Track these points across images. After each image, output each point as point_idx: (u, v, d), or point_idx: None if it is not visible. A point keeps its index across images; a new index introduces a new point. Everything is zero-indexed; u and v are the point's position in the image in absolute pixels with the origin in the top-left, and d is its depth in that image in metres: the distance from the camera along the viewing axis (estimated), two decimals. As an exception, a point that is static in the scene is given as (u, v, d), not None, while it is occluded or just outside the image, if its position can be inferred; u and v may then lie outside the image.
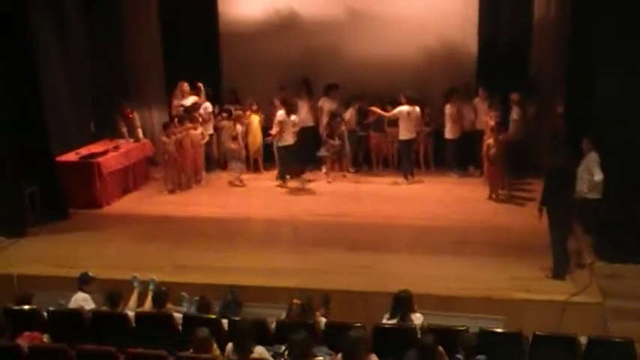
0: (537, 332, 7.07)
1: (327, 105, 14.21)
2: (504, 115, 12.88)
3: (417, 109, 13.42)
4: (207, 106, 14.32)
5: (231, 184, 13.83)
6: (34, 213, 11.63)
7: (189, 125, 13.55)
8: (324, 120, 14.14)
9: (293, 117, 13.45)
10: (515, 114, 13.06)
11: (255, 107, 14.33)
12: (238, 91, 14.79)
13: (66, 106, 12.95)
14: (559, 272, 9.12)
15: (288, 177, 13.69)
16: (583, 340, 6.99)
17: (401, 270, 9.47)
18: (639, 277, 9.21)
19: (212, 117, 14.35)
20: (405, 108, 13.33)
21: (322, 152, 13.98)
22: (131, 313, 7.66)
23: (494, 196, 12.53)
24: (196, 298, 8.19)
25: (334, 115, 13.84)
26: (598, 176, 9.40)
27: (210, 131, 14.32)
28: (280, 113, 13.33)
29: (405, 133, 13.44)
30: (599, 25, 9.47)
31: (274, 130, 13.32)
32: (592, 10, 9.73)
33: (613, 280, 9.13)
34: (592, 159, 9.52)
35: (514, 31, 13.88)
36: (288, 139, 13.43)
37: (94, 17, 13.88)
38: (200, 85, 14.42)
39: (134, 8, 14.88)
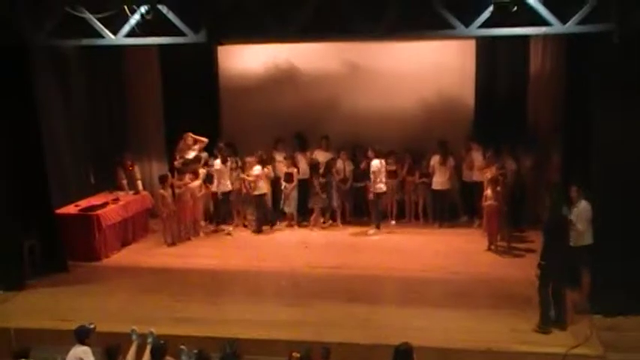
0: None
1: (320, 157, 14.35)
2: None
3: (383, 162, 13.70)
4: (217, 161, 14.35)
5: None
6: (33, 266, 11.60)
7: (188, 178, 13.63)
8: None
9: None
10: (514, 166, 13.16)
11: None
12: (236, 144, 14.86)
13: (66, 158, 13.10)
14: (544, 324, 9.10)
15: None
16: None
17: (400, 322, 9.45)
18: (639, 329, 9.18)
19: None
20: (376, 162, 13.59)
21: (310, 204, 14.27)
22: (129, 367, 7.61)
23: (492, 247, 12.56)
24: (195, 351, 8.12)
25: (316, 168, 14.11)
26: (581, 225, 9.49)
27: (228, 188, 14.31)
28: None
29: (379, 185, 13.65)
30: (594, 77, 9.61)
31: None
32: (586, 63, 9.89)
33: (614, 333, 9.09)
34: (581, 208, 9.59)
35: (511, 84, 14.08)
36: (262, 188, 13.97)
37: (97, 71, 14.09)
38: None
39: (136, 62, 15.11)
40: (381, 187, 13.73)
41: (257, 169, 13.98)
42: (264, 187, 14.10)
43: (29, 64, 11.32)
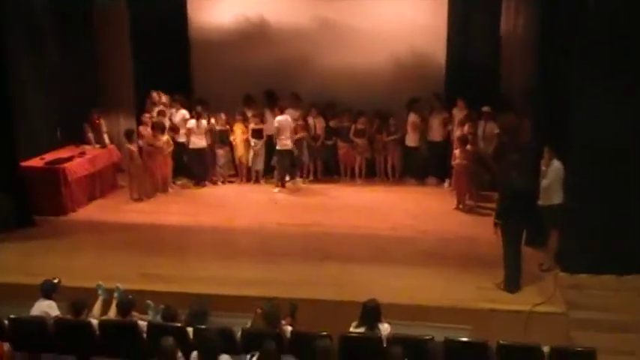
0: (501, 341, 7.11)
1: (289, 114, 14.21)
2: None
3: (289, 118, 13.71)
4: (184, 114, 14.25)
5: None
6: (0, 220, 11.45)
7: (153, 133, 13.49)
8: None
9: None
10: (485, 126, 13.16)
11: (239, 117, 14.30)
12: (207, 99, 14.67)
13: (33, 113, 12.81)
14: (511, 284, 9.23)
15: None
16: (546, 349, 7.06)
17: (369, 280, 9.51)
18: (602, 288, 9.32)
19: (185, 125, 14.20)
20: (281, 117, 13.62)
21: (273, 161, 14.15)
22: (95, 321, 7.56)
23: (461, 206, 12.64)
24: (162, 306, 8.11)
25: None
26: (555, 185, 9.59)
27: (183, 139, 14.19)
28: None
29: (284, 142, 13.69)
30: (567, 38, 9.58)
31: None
32: (560, 23, 9.85)
33: (577, 291, 9.24)
34: (553, 168, 9.67)
35: (483, 44, 14.00)
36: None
37: (67, 25, 13.73)
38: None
39: (106, 15, 14.75)
40: (287, 143, 13.70)
41: (191, 122, 13.92)
42: (200, 142, 13.97)
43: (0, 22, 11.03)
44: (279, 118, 13.75)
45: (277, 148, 13.87)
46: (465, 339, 7.43)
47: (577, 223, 9.47)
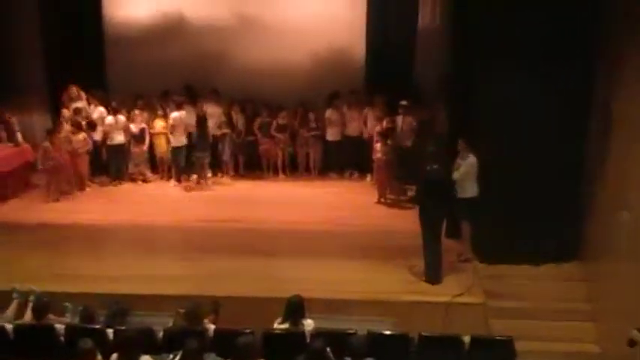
0: (423, 333, 7.21)
1: (209, 110, 14.05)
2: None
3: (184, 114, 13.68)
4: (102, 111, 13.92)
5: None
6: None
7: (72, 130, 13.12)
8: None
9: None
10: (403, 120, 13.29)
11: (160, 112, 14.06)
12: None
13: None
14: (431, 276, 9.37)
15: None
16: (466, 339, 7.19)
17: (291, 275, 9.50)
18: (520, 277, 9.58)
19: (103, 122, 13.88)
20: (177, 114, 13.59)
21: (197, 157, 13.90)
22: (9, 325, 7.29)
23: (382, 200, 12.76)
24: (80, 307, 7.90)
25: (202, 119, 13.79)
26: (469, 179, 9.75)
27: (98, 137, 13.87)
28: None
29: (179, 139, 13.67)
30: (479, 30, 9.77)
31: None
32: (473, 16, 10.03)
33: (495, 281, 9.45)
34: (468, 161, 9.81)
35: (400, 38, 14.13)
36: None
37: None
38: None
39: (11, 6, 14.22)
40: (182, 139, 13.67)
41: (109, 119, 13.71)
42: (118, 138, 13.76)
43: None
44: (173, 114, 13.61)
45: (172, 144, 13.72)
46: (387, 331, 7.51)
47: (489, 213, 9.68)
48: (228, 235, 11.20)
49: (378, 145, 12.61)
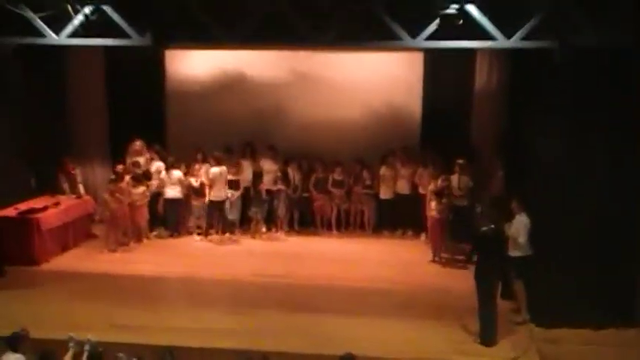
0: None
1: (266, 166, 14.31)
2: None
3: (225, 168, 13.80)
4: (160, 165, 14.24)
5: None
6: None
7: (131, 183, 13.45)
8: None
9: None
10: (459, 179, 13.26)
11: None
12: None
13: (6, 162, 12.72)
14: (486, 337, 9.19)
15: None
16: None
17: (341, 332, 9.43)
18: (578, 342, 9.33)
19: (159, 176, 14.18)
20: (216, 169, 13.74)
21: (252, 212, 14.13)
22: (64, 374, 7.42)
23: (437, 258, 12.66)
24: (134, 359, 8.00)
25: (258, 175, 14.09)
26: (522, 238, 9.63)
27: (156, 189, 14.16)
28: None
29: (217, 194, 13.83)
30: (536, 93, 9.79)
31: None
32: (531, 78, 10.07)
33: (553, 345, 9.23)
34: (520, 220, 9.72)
35: (457, 97, 14.20)
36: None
37: (39, 75, 13.76)
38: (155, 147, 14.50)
39: (79, 63, 14.80)
40: (219, 194, 13.84)
41: (163, 174, 14.05)
42: (173, 192, 13.99)
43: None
44: (213, 169, 13.84)
45: (210, 199, 13.92)
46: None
47: (545, 275, 9.51)
48: (279, 290, 11.23)
49: (432, 204, 12.57)
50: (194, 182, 13.97)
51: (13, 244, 12.01)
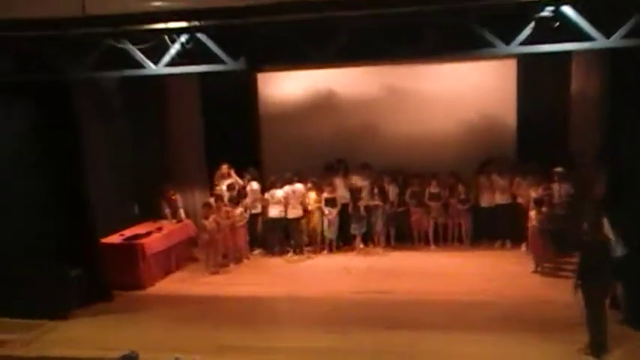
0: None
1: (358, 183, 14.39)
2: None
3: (301, 186, 14.18)
4: (254, 185, 14.50)
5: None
6: (79, 295, 11.66)
7: (229, 205, 13.71)
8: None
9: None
10: (560, 187, 12.93)
11: (310, 185, 14.44)
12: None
13: (110, 190, 13.23)
14: (597, 349, 8.83)
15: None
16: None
17: (445, 349, 9.29)
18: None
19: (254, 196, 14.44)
20: (289, 188, 13.97)
21: (352, 229, 14.28)
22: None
23: (539, 269, 12.33)
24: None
25: (355, 192, 14.25)
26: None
27: (257, 210, 14.47)
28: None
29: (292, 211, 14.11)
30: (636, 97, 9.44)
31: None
32: (632, 81, 9.71)
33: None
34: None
35: (553, 103, 13.89)
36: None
37: (138, 104, 14.25)
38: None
39: (177, 94, 15.31)
40: (295, 211, 14.17)
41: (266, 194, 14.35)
42: (274, 212, 14.25)
43: (71, 98, 11.52)
44: (286, 188, 14.06)
45: (289, 216, 14.15)
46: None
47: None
48: (379, 306, 11.16)
49: (532, 213, 12.28)
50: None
51: (119, 270, 12.36)
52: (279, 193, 14.19)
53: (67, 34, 10.03)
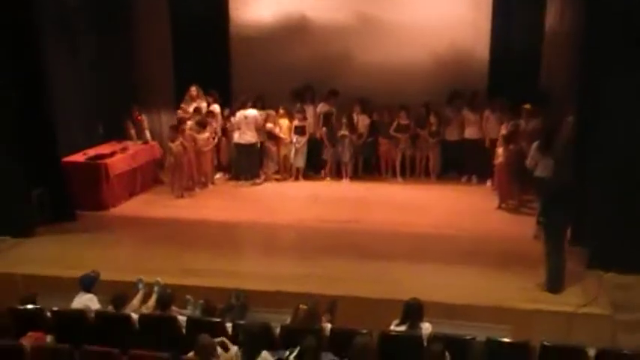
0: (545, 342, 6.95)
1: (324, 110, 14.27)
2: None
3: (255, 111, 13.83)
4: (215, 107, 14.32)
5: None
6: (42, 214, 11.55)
7: (194, 129, 13.53)
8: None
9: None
10: (526, 124, 12.94)
11: (282, 111, 14.27)
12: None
13: (75, 109, 12.97)
14: (553, 284, 9.00)
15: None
16: (591, 351, 6.88)
17: (409, 278, 9.39)
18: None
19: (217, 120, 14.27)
20: (243, 112, 13.75)
21: (324, 155, 14.32)
22: (134, 315, 7.59)
23: (503, 205, 12.44)
24: (201, 301, 8.14)
25: (327, 118, 14.13)
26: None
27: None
28: None
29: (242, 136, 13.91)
30: (612, 36, 9.36)
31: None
32: (606, 21, 9.63)
33: (622, 291, 9.01)
34: None
35: (526, 40, 13.75)
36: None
37: (104, 22, 13.84)
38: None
39: (144, 12, 14.93)
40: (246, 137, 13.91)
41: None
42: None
43: (34, 12, 11.14)
44: (239, 113, 13.85)
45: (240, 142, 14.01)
46: (507, 339, 7.28)
47: (613, 222, 9.30)
48: (346, 235, 11.21)
49: (499, 150, 12.31)
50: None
51: (82, 189, 12.24)
52: (251, 112, 13.97)
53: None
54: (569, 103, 12.28)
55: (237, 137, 13.96)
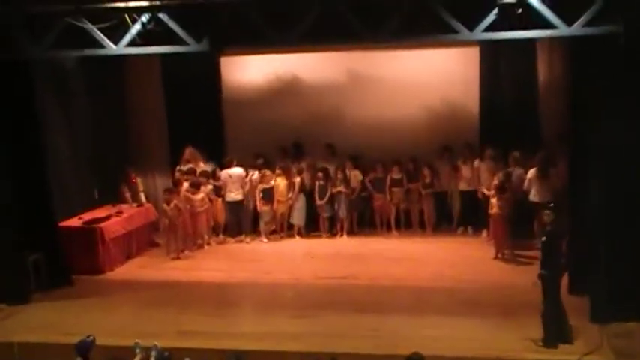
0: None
1: (324, 165, 14.41)
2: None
3: (240, 170, 14.08)
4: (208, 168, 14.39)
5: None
6: (38, 280, 11.46)
7: (189, 191, 13.56)
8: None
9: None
10: (517, 172, 13.03)
11: (279, 171, 14.31)
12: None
13: (69, 173, 13.06)
14: (548, 340, 8.90)
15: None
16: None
17: (409, 332, 9.33)
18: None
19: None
20: (227, 171, 13.99)
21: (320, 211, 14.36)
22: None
23: (500, 255, 12.44)
24: (200, 363, 8.05)
25: (318, 173, 14.22)
26: None
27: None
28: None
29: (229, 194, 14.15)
30: (599, 85, 9.52)
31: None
32: (593, 69, 9.79)
33: (626, 340, 8.95)
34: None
35: (516, 91, 13.93)
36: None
37: (98, 86, 13.99)
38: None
39: (138, 76, 15.13)
40: (232, 195, 14.13)
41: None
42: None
43: (30, 77, 11.26)
44: (223, 172, 14.09)
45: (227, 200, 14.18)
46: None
47: (611, 269, 9.26)
48: (343, 291, 11.17)
49: (494, 200, 12.36)
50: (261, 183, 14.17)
51: (78, 254, 12.20)
52: (237, 170, 14.14)
53: (24, 11, 9.80)
54: (563, 149, 12.41)
55: (226, 196, 14.03)
